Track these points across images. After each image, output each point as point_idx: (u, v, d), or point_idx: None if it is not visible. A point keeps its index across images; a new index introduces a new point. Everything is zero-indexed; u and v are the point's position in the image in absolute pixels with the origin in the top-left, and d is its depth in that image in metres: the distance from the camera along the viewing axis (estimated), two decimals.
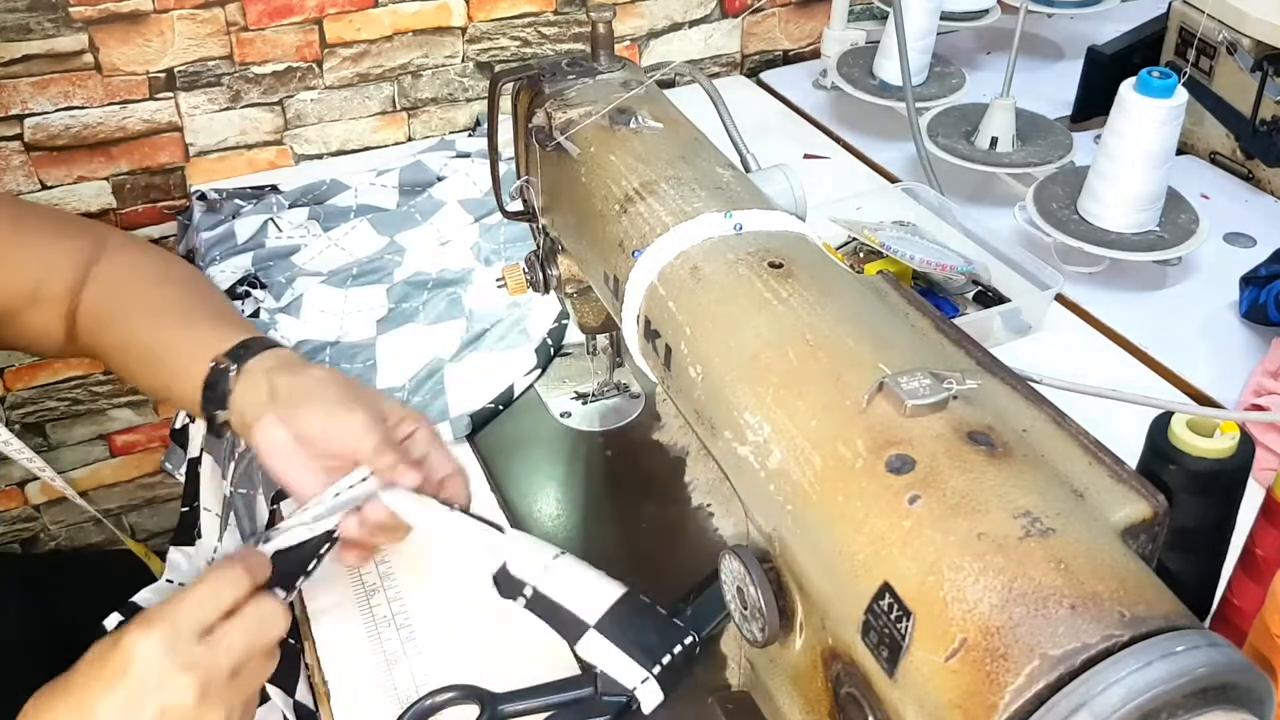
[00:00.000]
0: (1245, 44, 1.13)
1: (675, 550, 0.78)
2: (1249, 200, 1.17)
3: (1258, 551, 0.60)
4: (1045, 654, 0.35)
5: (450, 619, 0.73)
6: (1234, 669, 0.35)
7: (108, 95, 1.19)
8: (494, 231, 1.11)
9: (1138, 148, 0.98)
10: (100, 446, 1.42)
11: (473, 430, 0.88)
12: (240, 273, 1.06)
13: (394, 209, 1.15)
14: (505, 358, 0.93)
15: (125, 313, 0.80)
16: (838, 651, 0.46)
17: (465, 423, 0.87)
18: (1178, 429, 0.56)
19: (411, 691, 0.68)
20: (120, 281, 0.82)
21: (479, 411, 0.88)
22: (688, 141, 0.66)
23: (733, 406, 0.50)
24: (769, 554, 0.49)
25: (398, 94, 1.33)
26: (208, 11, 1.19)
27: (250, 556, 0.62)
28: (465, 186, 1.17)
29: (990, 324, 0.96)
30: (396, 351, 0.95)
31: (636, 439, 0.87)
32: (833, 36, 1.38)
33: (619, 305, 0.60)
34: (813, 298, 0.52)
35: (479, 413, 0.88)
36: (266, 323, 0.97)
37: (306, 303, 1.00)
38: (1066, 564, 0.38)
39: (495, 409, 0.89)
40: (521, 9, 1.33)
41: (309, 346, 0.95)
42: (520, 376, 0.91)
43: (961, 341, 0.56)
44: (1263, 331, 0.98)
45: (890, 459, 0.43)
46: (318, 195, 1.19)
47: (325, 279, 1.04)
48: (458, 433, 0.87)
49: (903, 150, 1.26)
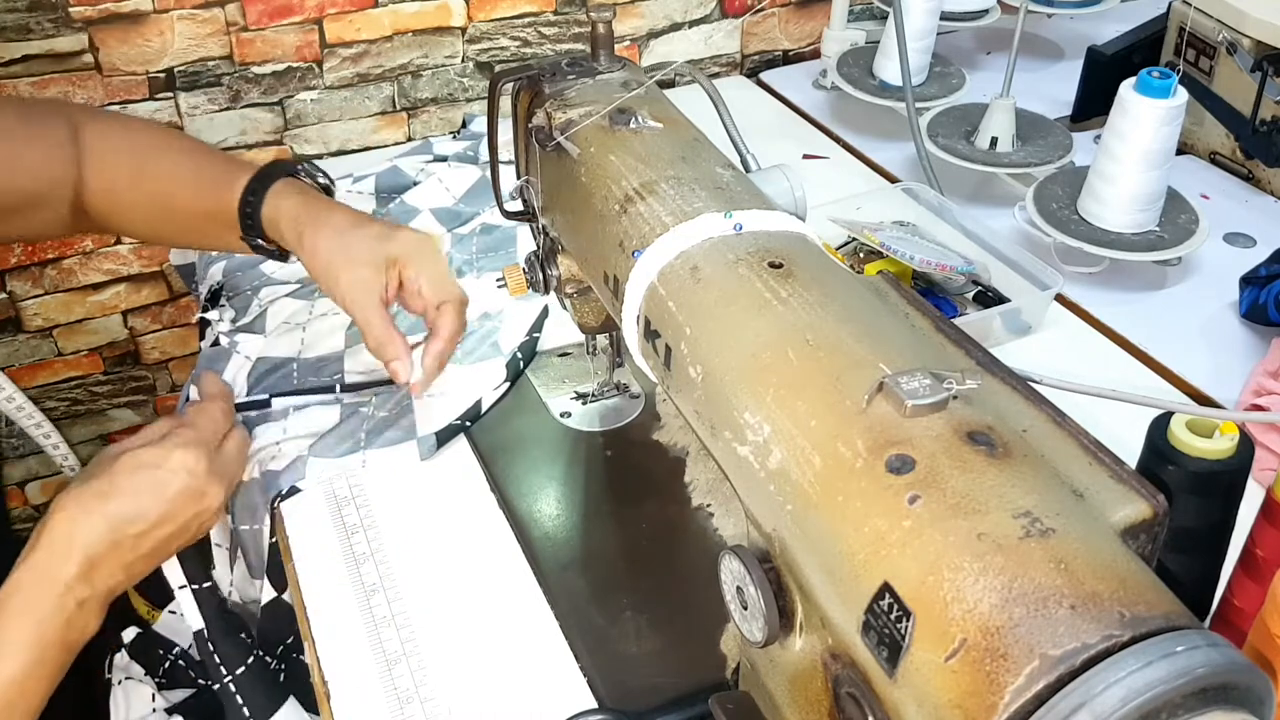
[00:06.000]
0: (1245, 44, 1.13)
1: (675, 550, 0.78)
2: (1249, 200, 1.17)
3: (1258, 551, 0.60)
4: (1045, 654, 0.35)
5: (450, 619, 0.73)
6: (1234, 669, 0.35)
7: (108, 95, 1.19)
8: (466, 242, 1.09)
9: (1138, 148, 0.98)
10: (100, 446, 1.42)
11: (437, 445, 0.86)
12: (211, 283, 1.05)
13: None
14: (474, 371, 0.91)
15: (131, 185, 0.86)
16: (838, 651, 0.46)
17: (431, 443, 0.85)
18: (1177, 429, 0.56)
19: (411, 691, 0.68)
20: (114, 157, 0.86)
21: (445, 430, 0.86)
22: (688, 141, 0.66)
23: (733, 406, 0.50)
24: (769, 554, 0.49)
25: (398, 94, 1.33)
26: (208, 11, 1.19)
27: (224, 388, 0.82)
28: (439, 194, 1.14)
29: (990, 324, 0.96)
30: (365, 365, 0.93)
31: (636, 439, 0.87)
32: (833, 36, 1.37)
33: (619, 305, 0.60)
34: (813, 298, 0.52)
35: (445, 430, 0.86)
36: (226, 347, 0.95)
37: (271, 315, 0.98)
38: (1066, 564, 0.38)
39: (462, 425, 0.87)
40: (521, 9, 1.33)
41: (268, 364, 0.93)
42: (489, 391, 0.90)
43: (961, 341, 0.56)
44: (1263, 331, 0.98)
45: (890, 459, 0.43)
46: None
47: (293, 290, 1.02)
48: (424, 454, 0.85)
49: (903, 150, 1.26)
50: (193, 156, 0.87)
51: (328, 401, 0.89)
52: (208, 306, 1.02)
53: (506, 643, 0.71)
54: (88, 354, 1.36)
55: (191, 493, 0.70)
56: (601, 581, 0.76)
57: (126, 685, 0.80)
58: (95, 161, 0.85)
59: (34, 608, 0.64)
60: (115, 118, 0.93)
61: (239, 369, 0.93)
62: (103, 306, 1.33)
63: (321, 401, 0.89)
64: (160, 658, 0.83)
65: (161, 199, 0.87)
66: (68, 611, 0.64)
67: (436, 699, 0.68)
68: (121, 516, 0.67)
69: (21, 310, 1.29)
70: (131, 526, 0.68)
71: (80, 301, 1.31)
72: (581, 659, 0.69)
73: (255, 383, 0.92)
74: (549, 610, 0.73)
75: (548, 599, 0.74)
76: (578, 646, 0.70)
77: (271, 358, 0.94)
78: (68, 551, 0.65)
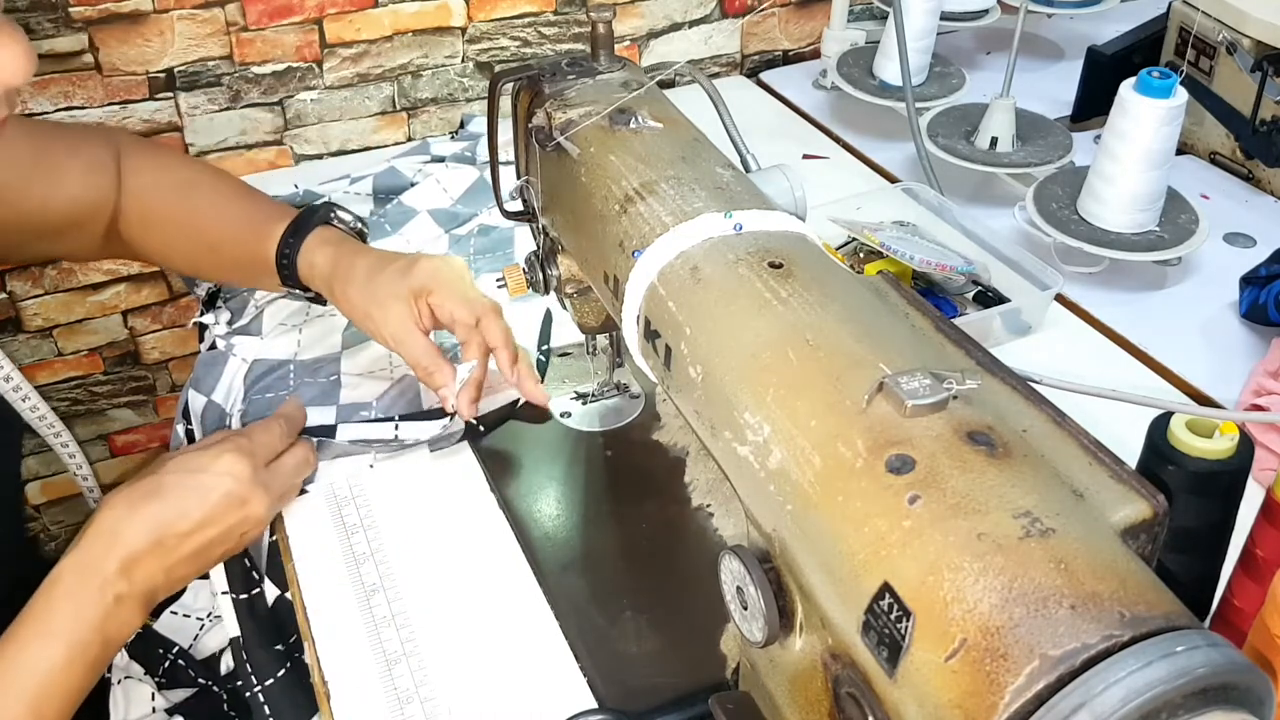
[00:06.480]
0: (1245, 44, 1.13)
1: (675, 550, 0.78)
2: (1249, 200, 1.17)
3: (1258, 551, 0.60)
4: (1045, 654, 0.35)
5: (450, 619, 0.73)
6: (1234, 669, 0.35)
7: (108, 95, 1.19)
8: (464, 243, 1.09)
9: (1138, 148, 0.98)
10: (100, 446, 1.42)
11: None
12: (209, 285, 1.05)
13: (367, 217, 1.12)
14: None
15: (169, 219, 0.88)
16: (838, 652, 0.46)
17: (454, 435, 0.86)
18: (1177, 429, 0.56)
19: (411, 691, 0.68)
20: (155, 191, 0.88)
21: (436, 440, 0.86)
22: (688, 141, 0.66)
23: (733, 406, 0.50)
24: (769, 554, 0.49)
25: (398, 94, 1.33)
26: (208, 11, 1.19)
27: (294, 410, 0.81)
28: (436, 195, 1.14)
29: (990, 324, 0.96)
30: (362, 367, 0.93)
31: (636, 439, 0.87)
32: (833, 36, 1.37)
33: (619, 305, 0.60)
34: (813, 298, 0.52)
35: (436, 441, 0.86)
36: (223, 350, 0.95)
37: (268, 316, 0.98)
38: (1066, 564, 0.38)
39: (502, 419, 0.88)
40: (521, 9, 1.33)
41: (265, 366, 0.93)
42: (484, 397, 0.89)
43: (961, 341, 0.56)
44: (1263, 331, 0.98)
45: (890, 459, 0.43)
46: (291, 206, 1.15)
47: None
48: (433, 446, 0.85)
49: (903, 150, 1.26)
50: (232, 199, 0.89)
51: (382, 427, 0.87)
52: (204, 310, 1.02)
53: (506, 643, 0.71)
54: (88, 354, 1.36)
55: (234, 498, 0.71)
56: (601, 581, 0.76)
57: (126, 685, 0.80)
58: (134, 191, 0.87)
59: (74, 598, 0.65)
60: (160, 150, 0.94)
61: (236, 372, 0.93)
62: (103, 306, 1.33)
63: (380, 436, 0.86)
64: (160, 657, 0.83)
65: (198, 236, 0.88)
66: (106, 605, 0.65)
67: (436, 699, 0.68)
68: (164, 516, 0.68)
69: (21, 310, 1.29)
70: (174, 527, 0.68)
71: (80, 301, 1.31)
72: (581, 659, 0.69)
73: (252, 385, 0.92)
74: (549, 610, 0.73)
75: (548, 599, 0.74)
76: (578, 647, 0.70)
77: (268, 359, 0.94)
78: (110, 546, 0.66)
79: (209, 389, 0.92)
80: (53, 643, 0.63)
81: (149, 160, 0.89)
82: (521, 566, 0.76)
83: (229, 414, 0.90)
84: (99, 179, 0.86)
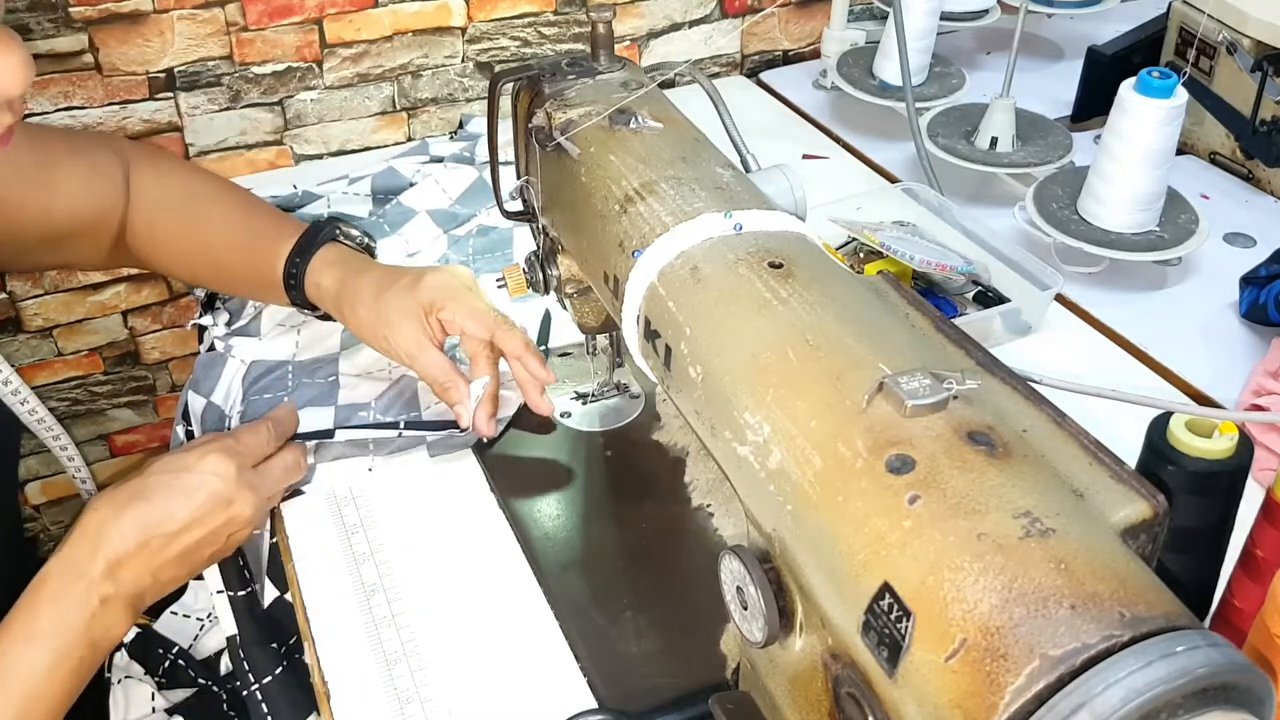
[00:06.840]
0: (1245, 44, 1.13)
1: (675, 550, 0.78)
2: (1249, 200, 1.17)
3: (1258, 551, 0.60)
4: (1045, 654, 0.35)
5: (450, 619, 0.73)
6: (1234, 669, 0.35)
7: (107, 95, 1.19)
8: (463, 243, 1.09)
9: (1138, 148, 0.98)
10: (100, 446, 1.42)
11: None
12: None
13: (366, 217, 1.12)
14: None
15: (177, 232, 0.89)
16: (838, 652, 0.46)
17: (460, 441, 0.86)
18: (1177, 429, 0.56)
19: (411, 691, 0.68)
20: (162, 206, 0.88)
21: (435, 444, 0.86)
22: (688, 142, 0.66)
23: (733, 406, 0.50)
24: (769, 554, 0.49)
25: (398, 94, 1.33)
26: (208, 11, 1.19)
27: (284, 414, 0.81)
28: (435, 195, 1.14)
29: (990, 324, 0.96)
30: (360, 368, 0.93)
31: (636, 439, 0.87)
32: (833, 36, 1.37)
33: (619, 305, 0.60)
34: (813, 298, 0.52)
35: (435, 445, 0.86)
36: (221, 352, 0.95)
37: (266, 317, 0.98)
38: (1066, 564, 0.38)
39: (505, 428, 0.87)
40: (521, 9, 1.33)
41: (263, 367, 0.93)
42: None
43: (961, 341, 0.56)
44: (1263, 331, 0.98)
45: (890, 459, 0.43)
46: (288, 206, 1.14)
47: None
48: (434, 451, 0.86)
49: (903, 150, 1.26)
50: (241, 213, 0.89)
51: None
52: (203, 311, 1.02)
53: (506, 643, 0.71)
54: (88, 354, 1.35)
55: (220, 498, 0.70)
56: (601, 582, 0.76)
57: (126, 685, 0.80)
58: (143, 201, 0.87)
59: (59, 601, 0.64)
60: (170, 161, 0.93)
61: (234, 373, 0.93)
62: (103, 306, 1.33)
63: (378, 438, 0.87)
64: (160, 657, 0.83)
65: (205, 254, 0.88)
66: (92, 608, 0.65)
67: (436, 699, 0.68)
68: (150, 517, 0.68)
69: (21, 310, 1.29)
70: (160, 528, 0.68)
71: (80, 301, 1.31)
72: (581, 659, 0.69)
73: (250, 386, 0.91)
74: (549, 610, 0.73)
75: (548, 599, 0.74)
76: (578, 647, 0.70)
77: (266, 360, 0.94)
78: (95, 548, 0.66)
79: (208, 390, 0.92)
80: (38, 646, 0.63)
81: (157, 173, 0.88)
82: (521, 566, 0.76)
83: (228, 415, 0.90)
84: (103, 187, 0.85)
